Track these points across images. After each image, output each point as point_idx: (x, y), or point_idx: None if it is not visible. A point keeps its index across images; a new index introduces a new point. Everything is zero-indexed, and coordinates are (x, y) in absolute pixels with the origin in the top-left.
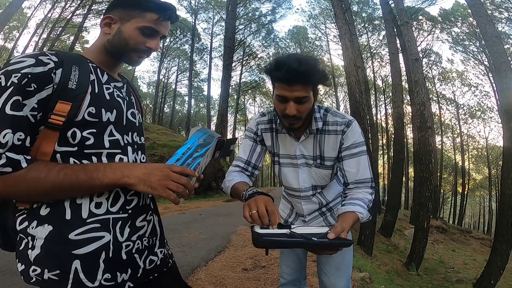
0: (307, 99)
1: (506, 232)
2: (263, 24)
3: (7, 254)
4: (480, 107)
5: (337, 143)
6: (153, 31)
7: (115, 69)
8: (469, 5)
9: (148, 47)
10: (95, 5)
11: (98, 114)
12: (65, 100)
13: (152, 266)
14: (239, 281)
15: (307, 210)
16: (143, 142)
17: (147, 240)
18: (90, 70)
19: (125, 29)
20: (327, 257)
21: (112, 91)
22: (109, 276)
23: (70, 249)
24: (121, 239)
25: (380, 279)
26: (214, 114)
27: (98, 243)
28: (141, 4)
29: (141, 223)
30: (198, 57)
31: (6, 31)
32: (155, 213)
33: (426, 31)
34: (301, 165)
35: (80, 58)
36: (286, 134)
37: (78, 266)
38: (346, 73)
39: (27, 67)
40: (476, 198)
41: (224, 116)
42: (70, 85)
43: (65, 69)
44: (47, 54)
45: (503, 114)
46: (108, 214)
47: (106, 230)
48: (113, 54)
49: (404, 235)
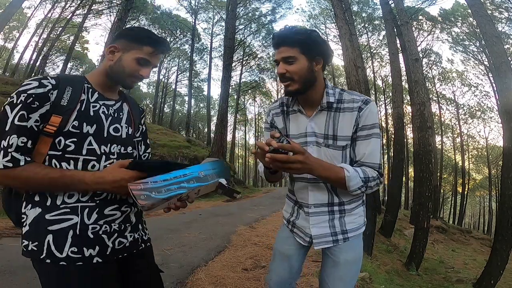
0: (295, 60)
1: (506, 232)
2: (263, 24)
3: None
4: (480, 107)
5: (352, 121)
6: (147, 62)
7: (111, 90)
8: (469, 5)
9: (141, 75)
10: (95, 5)
11: (80, 127)
12: (57, 114)
13: (121, 246)
14: (239, 281)
15: (313, 199)
16: (131, 152)
17: (117, 225)
18: (83, 90)
19: (125, 58)
20: (333, 268)
21: (97, 109)
22: (75, 249)
23: (45, 226)
24: (87, 222)
25: (380, 279)
26: (214, 114)
27: (67, 223)
28: (140, 39)
29: (110, 212)
30: (198, 57)
31: (6, 31)
32: (134, 206)
33: (426, 31)
34: (311, 143)
35: (78, 80)
36: (298, 113)
37: (50, 239)
38: (346, 73)
39: (32, 89)
40: (476, 198)
41: (224, 116)
42: (62, 102)
43: (60, 90)
44: (48, 78)
45: (503, 114)
46: (77, 203)
47: (74, 214)
48: (111, 78)
49: (404, 235)
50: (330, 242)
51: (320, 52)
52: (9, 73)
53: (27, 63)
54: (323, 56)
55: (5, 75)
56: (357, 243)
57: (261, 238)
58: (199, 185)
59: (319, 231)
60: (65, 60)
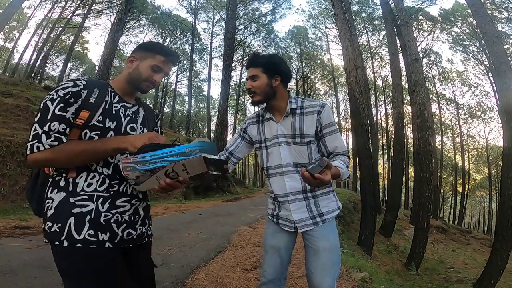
0: (258, 78)
1: (506, 232)
2: (263, 24)
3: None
4: (480, 107)
5: (314, 121)
6: (160, 69)
7: (130, 95)
8: (469, 5)
9: (154, 80)
10: (95, 5)
11: (103, 122)
12: (86, 109)
13: (130, 237)
14: (239, 281)
15: (290, 187)
16: None
17: (127, 217)
18: (107, 93)
19: (141, 65)
20: (314, 256)
21: (118, 109)
22: (92, 233)
23: (70, 209)
24: (101, 210)
25: (380, 279)
26: (214, 114)
27: (85, 208)
28: (154, 49)
29: (121, 203)
30: (198, 57)
31: (6, 31)
32: (143, 201)
33: (426, 31)
34: (282, 142)
35: (103, 84)
36: (270, 120)
37: (72, 221)
38: (346, 73)
39: (69, 87)
40: (476, 198)
41: (224, 116)
42: (91, 100)
43: (89, 90)
44: (80, 79)
45: (503, 114)
46: (94, 192)
47: (91, 201)
48: (130, 83)
49: (404, 235)
50: (311, 224)
51: (278, 72)
52: (9, 73)
53: (27, 63)
54: (281, 74)
55: (5, 75)
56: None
57: (261, 238)
58: (182, 159)
59: (299, 216)
60: (65, 60)
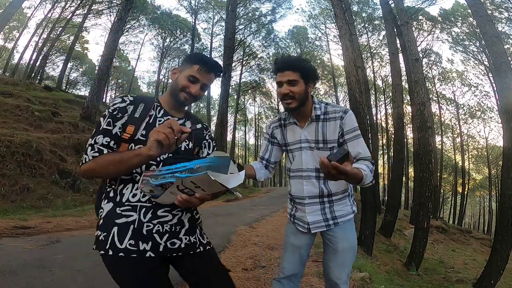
0: (297, 82)
1: (506, 232)
2: (263, 24)
3: (7, 254)
4: (480, 107)
5: (337, 127)
6: (195, 78)
7: (176, 108)
8: (469, 5)
9: (190, 91)
10: (95, 5)
11: (146, 136)
12: (131, 124)
13: (175, 246)
14: (239, 281)
15: (308, 192)
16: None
17: (169, 227)
18: (153, 107)
19: (180, 77)
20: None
21: (161, 122)
22: (133, 242)
23: (114, 219)
24: (143, 220)
25: (380, 279)
26: (214, 114)
27: (130, 218)
28: (191, 60)
29: (163, 213)
30: None
31: (6, 31)
32: (187, 212)
33: (426, 31)
34: (305, 148)
35: (149, 100)
36: (293, 124)
37: (115, 231)
38: (346, 73)
39: (117, 103)
40: (476, 198)
41: (224, 116)
42: (136, 115)
43: (135, 106)
44: (128, 96)
45: (503, 114)
46: (138, 202)
47: (134, 211)
48: (172, 95)
49: (404, 235)
50: (323, 226)
51: (313, 78)
52: (9, 73)
53: (27, 63)
54: (314, 81)
55: (5, 75)
56: (350, 232)
57: (261, 238)
58: (188, 176)
59: (313, 218)
60: (65, 60)
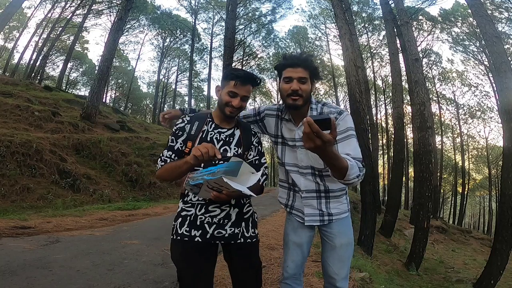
0: (306, 81)
1: (506, 232)
2: (263, 24)
3: (7, 254)
4: (480, 107)
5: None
6: (234, 93)
7: (226, 121)
8: (469, 5)
9: (232, 105)
10: (95, 5)
11: None
12: (190, 140)
13: (220, 235)
14: None
15: (305, 186)
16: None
17: (217, 219)
18: (205, 122)
19: (222, 93)
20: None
21: (213, 135)
22: (187, 229)
23: (180, 212)
24: (198, 213)
25: (380, 279)
26: None
27: (189, 212)
28: (227, 77)
29: (213, 209)
30: (198, 57)
31: (6, 31)
32: (235, 207)
33: (426, 31)
34: (299, 146)
35: (203, 116)
36: (289, 121)
37: (178, 221)
38: (346, 73)
39: (179, 124)
40: (476, 198)
41: None
42: (192, 132)
43: (191, 124)
44: (186, 116)
45: (503, 114)
46: (196, 201)
47: (193, 208)
48: (220, 110)
49: (404, 235)
50: (318, 221)
51: (318, 78)
52: (9, 73)
53: (27, 63)
54: (317, 80)
55: (5, 75)
56: (347, 228)
57: (261, 238)
58: (210, 178)
59: (309, 210)
60: (65, 60)
